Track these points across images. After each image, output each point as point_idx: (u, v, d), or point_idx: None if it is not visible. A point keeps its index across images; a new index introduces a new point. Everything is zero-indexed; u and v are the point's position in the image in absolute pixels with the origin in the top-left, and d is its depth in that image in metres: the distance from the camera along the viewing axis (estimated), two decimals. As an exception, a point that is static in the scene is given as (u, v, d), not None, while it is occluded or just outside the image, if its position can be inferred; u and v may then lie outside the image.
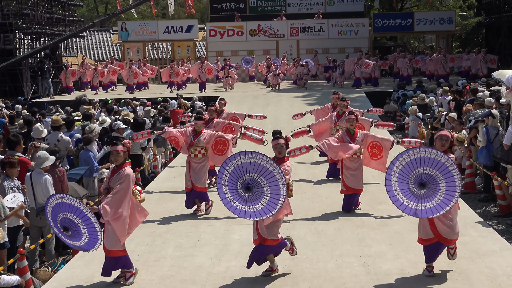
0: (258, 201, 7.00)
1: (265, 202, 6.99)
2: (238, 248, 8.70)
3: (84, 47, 44.25)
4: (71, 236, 7.14)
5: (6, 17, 30.34)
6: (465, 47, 36.24)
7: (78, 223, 7.01)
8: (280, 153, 7.62)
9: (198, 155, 10.42)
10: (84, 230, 7.05)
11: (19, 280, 7.31)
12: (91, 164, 11.81)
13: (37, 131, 12.66)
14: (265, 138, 10.82)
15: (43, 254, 9.78)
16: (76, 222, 7.00)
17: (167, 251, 8.68)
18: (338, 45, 33.19)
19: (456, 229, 7.39)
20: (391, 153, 9.60)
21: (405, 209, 7.14)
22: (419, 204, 7.05)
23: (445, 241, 7.36)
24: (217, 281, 7.55)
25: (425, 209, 7.03)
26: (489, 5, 33.66)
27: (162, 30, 34.36)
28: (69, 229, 7.07)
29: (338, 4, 35.12)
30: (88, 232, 7.06)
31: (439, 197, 6.99)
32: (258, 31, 33.50)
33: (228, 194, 7.04)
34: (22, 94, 28.70)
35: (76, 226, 7.03)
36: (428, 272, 7.44)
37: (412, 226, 9.36)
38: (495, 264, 7.71)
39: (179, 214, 10.55)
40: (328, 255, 8.24)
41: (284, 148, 7.63)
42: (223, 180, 7.00)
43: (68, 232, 7.10)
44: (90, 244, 7.16)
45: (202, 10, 55.15)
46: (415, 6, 43.99)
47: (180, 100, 20.15)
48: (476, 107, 13.52)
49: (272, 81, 27.93)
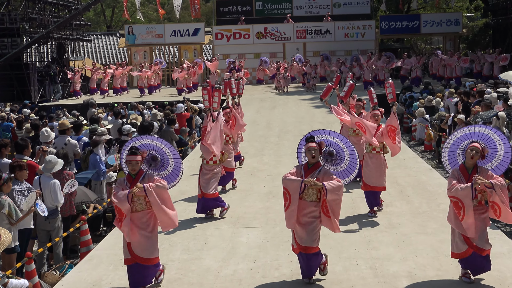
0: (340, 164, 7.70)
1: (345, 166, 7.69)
2: (246, 251, 8.70)
3: (91, 51, 44.40)
4: (155, 167, 7.62)
5: (14, 22, 30.48)
6: (472, 49, 36.19)
7: (168, 154, 7.65)
8: (313, 158, 7.30)
9: (209, 162, 10.47)
10: (172, 162, 7.68)
11: (27, 284, 7.33)
12: (98, 168, 11.83)
13: (43, 135, 12.71)
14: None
15: (51, 258, 9.82)
16: (166, 153, 7.65)
17: (175, 254, 8.69)
18: (344, 48, 33.17)
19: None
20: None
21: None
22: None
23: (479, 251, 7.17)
24: (224, 284, 7.55)
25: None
26: (496, 6, 33.60)
27: (168, 33, 34.44)
28: (157, 158, 7.61)
29: (344, 6, 35.12)
30: (175, 163, 7.69)
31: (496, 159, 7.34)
32: (265, 34, 33.53)
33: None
34: (30, 98, 28.84)
35: (165, 156, 7.66)
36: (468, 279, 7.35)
37: (420, 229, 9.37)
38: (503, 267, 7.68)
39: (186, 217, 10.56)
40: (336, 257, 8.23)
41: (318, 152, 7.35)
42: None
43: (155, 162, 7.59)
44: (173, 176, 7.74)
45: (209, 13, 55.28)
46: (422, 8, 43.93)
47: (187, 103, 20.20)
48: (483, 109, 13.48)
49: (278, 84, 27.95)
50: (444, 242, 8.42)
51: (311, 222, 7.26)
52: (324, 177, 7.22)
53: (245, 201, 11.47)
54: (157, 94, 29.22)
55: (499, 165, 7.33)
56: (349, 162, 7.68)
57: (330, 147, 7.62)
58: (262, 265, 8.08)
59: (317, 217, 7.28)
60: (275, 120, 21.33)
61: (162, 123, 17.18)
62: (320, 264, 7.53)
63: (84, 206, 10.99)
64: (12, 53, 29.31)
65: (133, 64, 33.73)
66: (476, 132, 7.35)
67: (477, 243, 7.12)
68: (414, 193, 11.58)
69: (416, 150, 17.59)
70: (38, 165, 10.66)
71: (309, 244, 7.26)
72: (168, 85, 34.85)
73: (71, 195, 10.12)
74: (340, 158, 7.67)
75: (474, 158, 7.09)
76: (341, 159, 7.67)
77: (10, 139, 14.62)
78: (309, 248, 7.27)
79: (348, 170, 7.72)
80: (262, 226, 9.83)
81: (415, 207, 10.64)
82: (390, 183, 12.19)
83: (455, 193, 7.01)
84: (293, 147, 16.26)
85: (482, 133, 7.31)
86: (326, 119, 20.79)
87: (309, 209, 7.25)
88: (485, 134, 7.30)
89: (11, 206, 8.26)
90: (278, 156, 15.66)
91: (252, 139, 17.71)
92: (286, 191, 7.26)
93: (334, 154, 7.63)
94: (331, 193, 7.06)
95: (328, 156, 7.58)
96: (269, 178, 13.17)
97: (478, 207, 7.11)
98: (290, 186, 7.20)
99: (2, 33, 30.12)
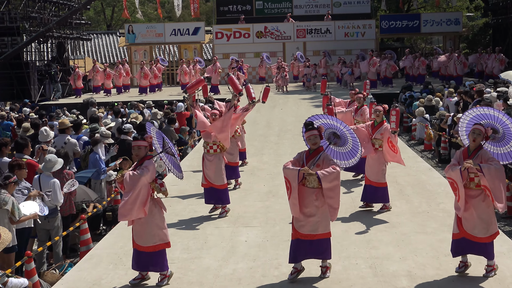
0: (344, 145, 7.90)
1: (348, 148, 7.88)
2: (245, 250, 8.70)
3: (91, 50, 44.40)
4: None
5: (14, 21, 30.45)
6: (472, 48, 36.17)
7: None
8: (314, 144, 7.36)
9: (210, 151, 10.50)
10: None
11: (27, 283, 7.33)
12: (98, 166, 11.83)
13: (42, 134, 12.70)
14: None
15: (50, 257, 9.82)
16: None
17: (174, 253, 8.68)
18: (345, 47, 33.16)
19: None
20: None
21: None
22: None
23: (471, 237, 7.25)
24: (224, 283, 7.55)
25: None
26: (496, 6, 33.57)
27: (169, 32, 34.41)
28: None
29: (344, 6, 35.10)
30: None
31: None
32: (265, 33, 33.50)
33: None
34: (30, 97, 28.81)
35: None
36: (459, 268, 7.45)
37: (419, 228, 9.37)
38: (502, 266, 7.68)
39: (186, 217, 10.56)
40: (335, 256, 8.22)
41: (319, 139, 7.39)
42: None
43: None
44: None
45: (209, 13, 55.26)
46: (422, 7, 43.91)
47: (187, 102, 20.16)
48: (483, 109, 13.46)
49: (277, 83, 27.95)
50: (443, 241, 8.43)
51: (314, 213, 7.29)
52: (324, 162, 7.24)
53: (245, 200, 11.46)
54: (157, 93, 29.20)
55: (510, 152, 7.33)
56: (352, 143, 7.81)
57: (331, 129, 7.72)
58: (262, 264, 8.09)
59: (319, 206, 7.28)
60: (275, 120, 21.32)
61: (162, 122, 17.18)
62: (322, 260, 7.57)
63: (84, 205, 11.00)
64: (11, 51, 29.28)
65: (134, 62, 33.78)
66: (488, 114, 7.36)
67: (471, 230, 7.19)
68: (413, 192, 11.58)
69: (416, 150, 17.59)
70: (37, 164, 10.66)
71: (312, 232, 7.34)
72: (168, 84, 34.84)
73: (70, 194, 10.12)
74: (343, 139, 7.79)
75: (476, 140, 7.14)
76: (345, 140, 7.79)
77: (10, 138, 14.59)
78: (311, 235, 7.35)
79: (353, 151, 7.84)
80: (262, 225, 9.83)
81: (414, 206, 10.64)
82: (390, 182, 12.16)
83: (448, 174, 7.22)
84: (293, 146, 16.29)
85: (496, 116, 7.30)
86: (326, 119, 20.76)
87: (311, 197, 7.27)
88: (498, 118, 7.30)
89: (15, 204, 8.28)
90: (278, 156, 15.65)
91: (252, 138, 17.70)
92: (286, 180, 7.31)
93: (338, 135, 7.76)
94: (324, 181, 7.08)
95: (332, 136, 7.77)
96: (269, 177, 13.17)
97: (475, 192, 7.15)
98: (289, 175, 7.26)
99: (2, 32, 30.09)
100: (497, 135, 7.36)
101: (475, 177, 7.11)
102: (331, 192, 7.20)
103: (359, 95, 12.67)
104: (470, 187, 7.15)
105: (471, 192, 7.16)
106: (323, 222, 7.35)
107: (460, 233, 7.32)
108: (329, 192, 7.18)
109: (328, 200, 7.22)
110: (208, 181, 10.41)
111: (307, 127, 7.43)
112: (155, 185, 7.46)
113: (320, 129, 7.46)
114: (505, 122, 7.29)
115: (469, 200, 7.15)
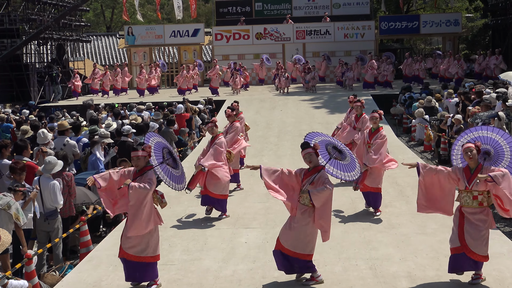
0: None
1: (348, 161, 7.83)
2: (245, 251, 8.71)
3: (91, 52, 44.42)
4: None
5: (13, 23, 30.41)
6: (471, 49, 36.16)
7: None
8: (310, 162, 7.40)
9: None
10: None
11: (27, 285, 7.32)
12: (97, 168, 11.83)
13: (40, 137, 12.68)
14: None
15: (50, 259, 9.81)
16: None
17: (174, 254, 8.69)
18: (344, 48, 33.14)
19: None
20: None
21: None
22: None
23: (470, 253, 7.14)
24: (224, 285, 7.55)
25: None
26: (495, 7, 33.56)
27: (168, 34, 34.39)
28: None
29: (344, 7, 35.08)
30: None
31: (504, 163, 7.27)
32: (264, 34, 33.49)
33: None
34: (29, 99, 28.78)
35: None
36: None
37: (419, 229, 9.37)
38: (503, 267, 7.68)
39: (186, 218, 10.57)
40: (335, 258, 8.23)
41: (314, 156, 7.40)
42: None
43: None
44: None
45: (208, 14, 55.29)
46: (421, 8, 43.94)
47: (187, 104, 20.20)
48: (483, 109, 13.49)
49: (280, 84, 27.96)
50: (443, 242, 8.41)
51: (301, 228, 7.34)
52: (318, 181, 7.30)
53: (244, 202, 11.47)
54: (157, 95, 29.18)
55: (507, 167, 7.24)
56: (350, 158, 7.81)
57: (331, 144, 7.75)
58: (262, 266, 8.09)
59: (307, 223, 7.32)
60: (274, 121, 21.33)
61: (161, 123, 17.17)
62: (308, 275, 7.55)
63: (84, 207, 10.99)
64: (9, 51, 29.24)
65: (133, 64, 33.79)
66: (482, 136, 7.37)
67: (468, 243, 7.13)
68: (413, 193, 11.52)
69: (415, 151, 17.59)
70: (37, 166, 10.66)
71: (292, 248, 7.36)
72: (167, 86, 34.84)
73: (70, 196, 10.11)
74: (344, 154, 7.81)
75: (472, 158, 7.13)
76: (345, 155, 7.81)
77: (10, 140, 14.59)
78: (293, 253, 7.38)
79: (352, 164, 7.81)
80: (262, 227, 9.84)
81: (414, 207, 10.54)
82: (390, 184, 12.20)
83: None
84: (292, 148, 16.29)
85: (489, 137, 7.33)
86: (326, 120, 20.81)
87: (302, 211, 7.34)
88: (492, 138, 7.32)
89: (19, 210, 8.31)
90: (277, 157, 15.65)
91: (252, 140, 17.68)
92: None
93: (339, 150, 7.79)
94: (314, 201, 7.16)
95: (333, 150, 7.77)
96: (268, 179, 13.12)
97: (476, 210, 7.12)
98: (286, 206, 7.56)
99: (2, 34, 30.07)
100: (490, 156, 7.33)
101: (478, 195, 7.10)
102: (322, 212, 7.24)
103: (357, 104, 12.58)
104: (472, 206, 7.13)
105: (471, 210, 7.14)
106: (304, 241, 7.37)
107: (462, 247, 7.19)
108: (320, 211, 7.23)
109: (320, 220, 7.26)
110: (207, 189, 10.41)
111: (302, 147, 7.51)
112: (157, 196, 7.50)
113: (315, 147, 7.47)
114: (493, 139, 7.32)
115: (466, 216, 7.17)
